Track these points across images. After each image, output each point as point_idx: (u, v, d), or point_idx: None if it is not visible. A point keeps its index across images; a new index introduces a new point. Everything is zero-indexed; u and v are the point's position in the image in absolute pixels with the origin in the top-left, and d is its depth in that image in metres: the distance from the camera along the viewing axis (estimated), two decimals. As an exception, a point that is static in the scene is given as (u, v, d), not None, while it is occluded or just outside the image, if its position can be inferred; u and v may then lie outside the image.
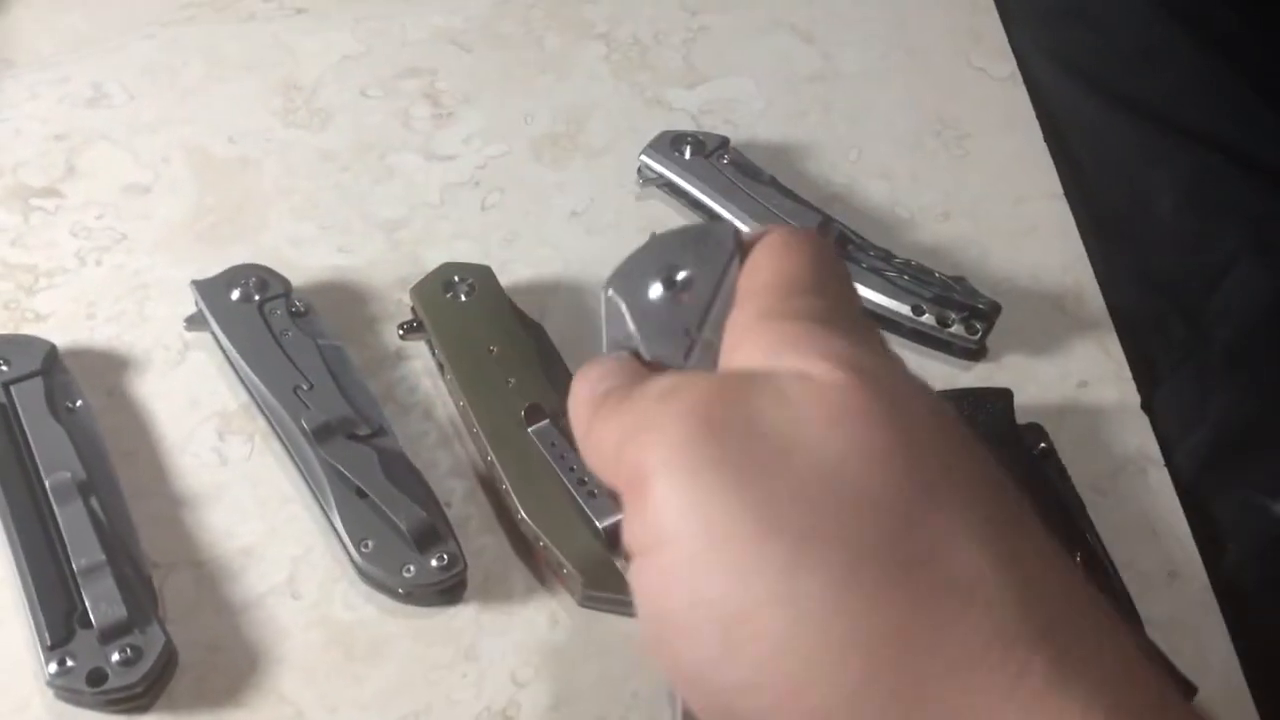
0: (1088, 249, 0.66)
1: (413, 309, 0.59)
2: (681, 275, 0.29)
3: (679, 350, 0.28)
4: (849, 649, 0.22)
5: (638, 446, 0.25)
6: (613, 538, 0.31)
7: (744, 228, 0.63)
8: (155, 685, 0.46)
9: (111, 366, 0.57)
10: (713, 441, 0.24)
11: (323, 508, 0.51)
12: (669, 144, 0.67)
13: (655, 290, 0.29)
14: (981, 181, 0.70)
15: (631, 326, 0.29)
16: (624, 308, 0.29)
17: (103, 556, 0.47)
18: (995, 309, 0.60)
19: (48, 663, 0.45)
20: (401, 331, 0.59)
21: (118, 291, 0.60)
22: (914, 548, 0.22)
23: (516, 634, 0.50)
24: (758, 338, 0.26)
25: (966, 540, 0.23)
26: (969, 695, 0.21)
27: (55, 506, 0.49)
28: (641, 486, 0.24)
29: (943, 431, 0.25)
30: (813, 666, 0.22)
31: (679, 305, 0.28)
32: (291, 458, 0.53)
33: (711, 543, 0.23)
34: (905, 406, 0.24)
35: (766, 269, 0.28)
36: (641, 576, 0.25)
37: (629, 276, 0.29)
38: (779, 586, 0.22)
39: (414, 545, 0.49)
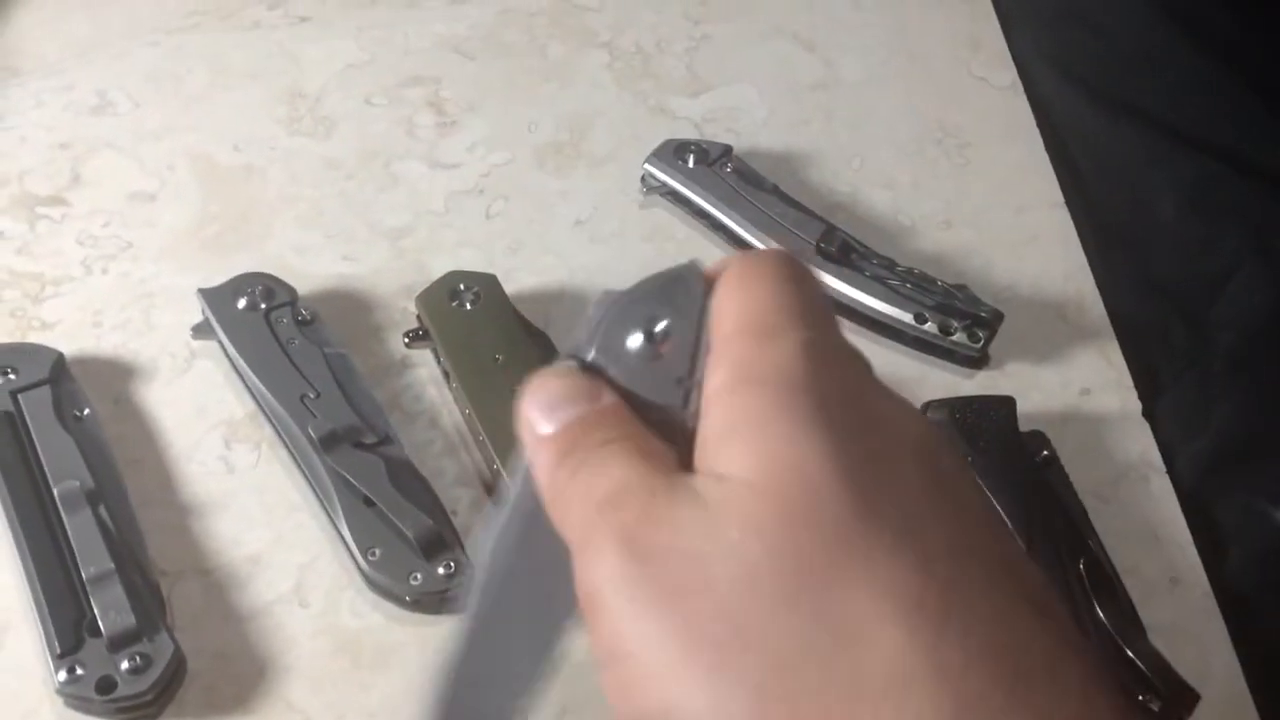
0: (1089, 256, 0.67)
1: (418, 317, 0.59)
2: (660, 327, 0.28)
3: (676, 399, 0.28)
4: None
5: (584, 563, 0.26)
6: None
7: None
8: (164, 693, 0.46)
9: (118, 375, 0.57)
10: (640, 563, 0.25)
11: (330, 516, 0.52)
12: (672, 152, 0.67)
13: (636, 346, 0.28)
14: (983, 190, 0.70)
15: (618, 378, 0.28)
16: (611, 373, 0.29)
17: (111, 565, 0.47)
18: (998, 317, 0.61)
19: (57, 671, 0.45)
20: (407, 340, 0.59)
21: (124, 300, 0.60)
22: (830, 644, 0.23)
23: (523, 641, 0.50)
24: (722, 408, 0.26)
25: (891, 629, 0.23)
26: None
27: (63, 515, 0.49)
28: (592, 606, 0.26)
29: (881, 498, 0.24)
30: None
31: (663, 357, 0.28)
32: (298, 466, 0.54)
33: (648, 664, 0.24)
34: (827, 496, 0.24)
35: (730, 311, 0.27)
36: (606, 688, 0.26)
37: (609, 337, 0.29)
38: (707, 700, 0.23)
39: (421, 553, 0.50)
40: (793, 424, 0.25)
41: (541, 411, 0.28)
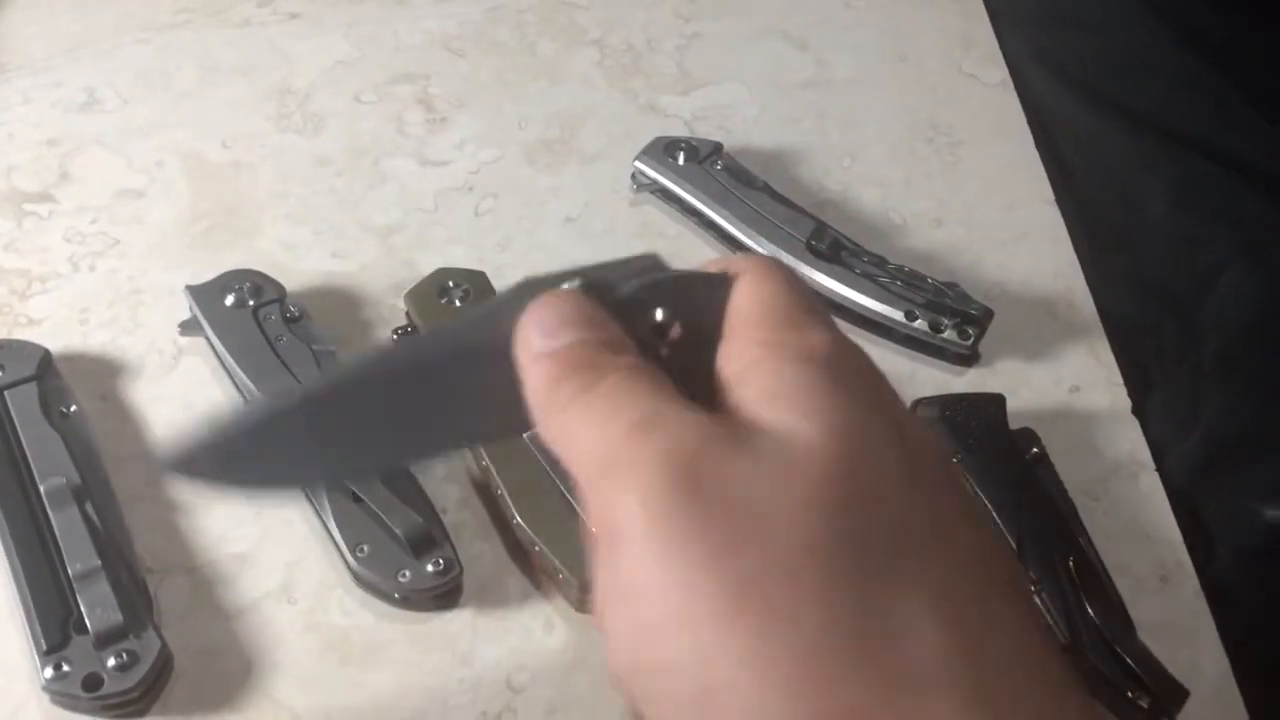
0: (1079, 254, 0.67)
1: (407, 314, 0.59)
2: (662, 316, 0.28)
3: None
4: None
5: (611, 486, 0.24)
6: None
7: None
8: (151, 690, 0.46)
9: (105, 371, 0.57)
10: (691, 506, 0.24)
11: (318, 513, 0.51)
12: (663, 150, 0.67)
13: (645, 324, 0.29)
14: (974, 188, 0.70)
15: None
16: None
17: (98, 562, 0.47)
18: (988, 315, 0.60)
19: (43, 668, 0.45)
20: (396, 336, 0.59)
21: (111, 297, 0.60)
22: (877, 629, 0.23)
23: (512, 639, 0.50)
24: (762, 376, 0.26)
25: (929, 625, 0.23)
26: None
27: (50, 512, 0.49)
28: (614, 537, 0.24)
29: (917, 491, 0.25)
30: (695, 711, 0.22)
31: (668, 341, 0.28)
32: (286, 463, 0.53)
33: (685, 611, 0.23)
34: (880, 476, 0.25)
35: (757, 304, 0.27)
36: (612, 625, 0.25)
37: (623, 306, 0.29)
38: (747, 661, 0.22)
39: (409, 550, 0.49)
40: (848, 394, 0.25)
41: (543, 329, 0.27)
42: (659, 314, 0.28)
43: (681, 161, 0.66)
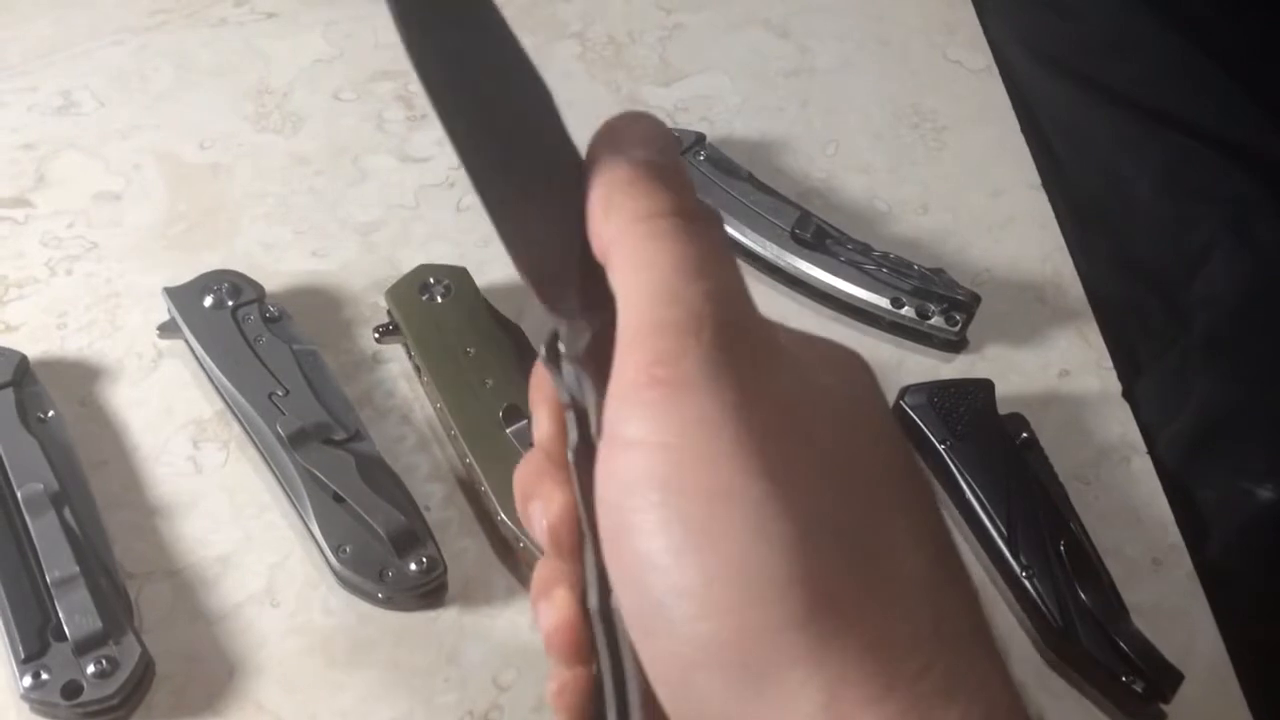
0: (1066, 238, 0.66)
1: (388, 312, 0.58)
2: None
3: None
4: (799, 588, 0.22)
5: (675, 329, 0.24)
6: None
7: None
8: (132, 697, 0.45)
9: (84, 376, 0.57)
10: (749, 372, 0.24)
11: (300, 514, 0.51)
12: (645, 141, 0.66)
13: None
14: (959, 173, 0.70)
15: None
16: None
17: (76, 568, 0.47)
18: (975, 300, 0.60)
19: (21, 676, 0.44)
20: (377, 335, 0.58)
21: (89, 300, 0.59)
22: (875, 540, 0.24)
23: (498, 637, 0.49)
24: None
25: (916, 546, 0.25)
26: (880, 667, 0.22)
27: (28, 518, 0.48)
28: (670, 385, 0.24)
29: (900, 455, 0.27)
30: (759, 591, 0.23)
31: None
32: (267, 464, 0.53)
33: (708, 462, 0.23)
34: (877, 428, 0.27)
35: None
36: (625, 463, 0.24)
37: None
38: (757, 517, 0.23)
39: (393, 549, 0.49)
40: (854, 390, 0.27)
41: (639, 137, 0.27)
42: None
43: (664, 153, 0.66)
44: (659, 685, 0.24)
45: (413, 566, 0.49)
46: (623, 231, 0.26)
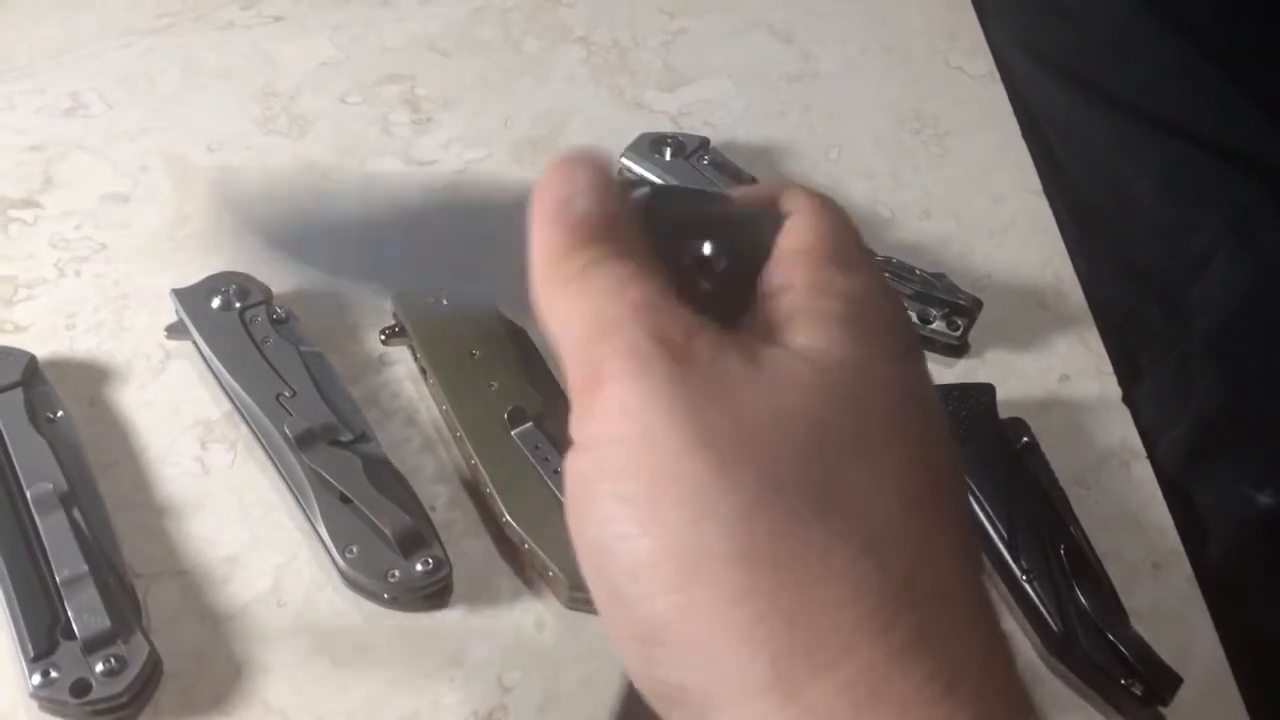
0: (1067, 243, 0.67)
1: (394, 314, 0.59)
2: (708, 247, 0.29)
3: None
4: (739, 563, 0.23)
5: (602, 348, 0.25)
6: None
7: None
8: (140, 695, 0.46)
9: (92, 377, 0.57)
10: (678, 376, 0.25)
11: (306, 515, 0.51)
12: (649, 146, 0.67)
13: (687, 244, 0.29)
14: (961, 178, 0.70)
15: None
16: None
17: (85, 567, 0.47)
18: (976, 305, 0.60)
19: (31, 674, 0.45)
20: (383, 337, 0.59)
21: (97, 301, 0.60)
22: (829, 495, 0.24)
23: (503, 637, 0.50)
24: (792, 302, 0.27)
25: (879, 505, 0.24)
26: (836, 631, 0.22)
27: (37, 518, 0.49)
28: (597, 387, 0.25)
29: (904, 424, 0.26)
30: (700, 568, 0.23)
31: (703, 257, 0.29)
32: (275, 465, 0.53)
33: (646, 446, 0.24)
34: (859, 416, 0.25)
35: (810, 237, 0.28)
36: (579, 463, 0.25)
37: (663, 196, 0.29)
38: (696, 494, 0.23)
39: (399, 550, 0.49)
40: (866, 337, 0.26)
41: (556, 199, 0.28)
42: (706, 248, 0.29)
43: (668, 157, 0.66)
44: (627, 662, 0.25)
45: (418, 567, 0.49)
46: (543, 303, 0.27)
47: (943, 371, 0.61)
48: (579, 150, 0.29)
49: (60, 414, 0.53)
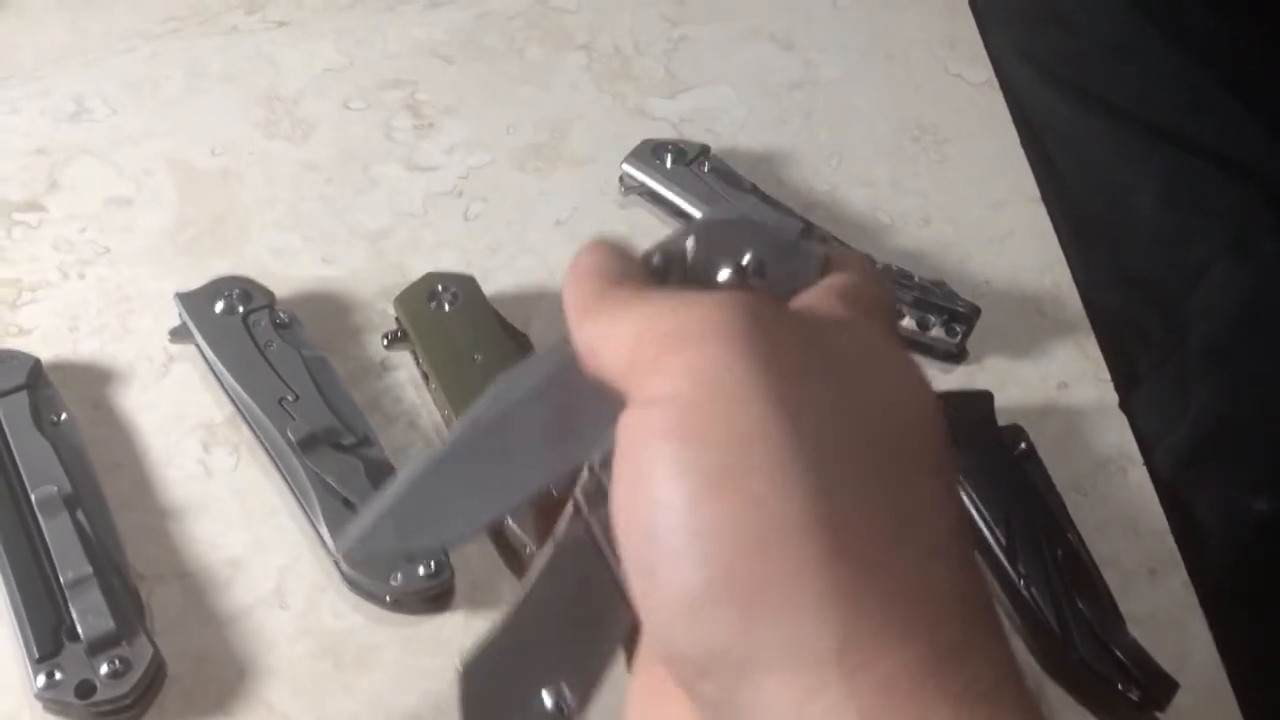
0: (1066, 251, 0.67)
1: (397, 319, 0.59)
2: (748, 259, 0.29)
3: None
4: (823, 529, 0.23)
5: (684, 348, 0.25)
6: None
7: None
8: (144, 697, 0.46)
9: (96, 380, 0.57)
10: (753, 325, 0.25)
11: (309, 518, 0.52)
12: (650, 153, 0.67)
13: (725, 268, 0.30)
14: (960, 186, 0.71)
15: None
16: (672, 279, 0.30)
17: (89, 569, 0.47)
18: (975, 312, 0.61)
19: (35, 676, 0.45)
20: (386, 341, 0.59)
21: (100, 305, 0.60)
22: (904, 500, 0.24)
23: (504, 641, 0.50)
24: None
25: (943, 513, 0.25)
26: (896, 615, 0.23)
27: (41, 520, 0.49)
28: (671, 349, 0.25)
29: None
30: (774, 531, 0.23)
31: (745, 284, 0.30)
32: (277, 469, 0.54)
33: (730, 405, 0.24)
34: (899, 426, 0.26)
35: (849, 283, 0.29)
36: (645, 420, 0.25)
37: (703, 250, 0.30)
38: (781, 460, 0.23)
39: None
40: (852, 368, 0.26)
41: (597, 259, 0.30)
42: (748, 258, 0.30)
43: (669, 164, 0.66)
44: (657, 622, 0.25)
45: (420, 571, 0.50)
46: (588, 332, 0.28)
47: (941, 378, 0.61)
48: (604, 237, 0.30)
49: (64, 416, 0.54)
